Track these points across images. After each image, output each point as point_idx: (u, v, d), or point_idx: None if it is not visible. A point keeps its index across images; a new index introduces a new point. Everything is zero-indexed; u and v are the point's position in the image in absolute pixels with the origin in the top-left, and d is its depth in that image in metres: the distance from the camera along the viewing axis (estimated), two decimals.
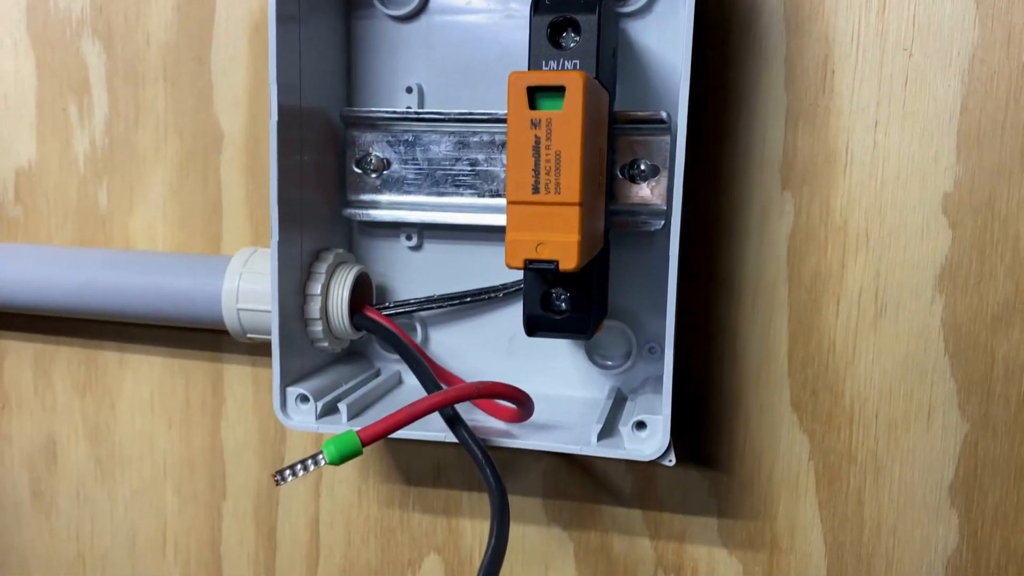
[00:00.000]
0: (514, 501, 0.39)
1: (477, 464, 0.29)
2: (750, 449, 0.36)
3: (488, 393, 0.30)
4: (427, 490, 0.40)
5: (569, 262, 0.26)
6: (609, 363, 0.36)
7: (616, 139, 0.33)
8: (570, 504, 0.39)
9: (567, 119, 0.25)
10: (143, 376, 0.42)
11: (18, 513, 0.45)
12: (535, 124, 0.25)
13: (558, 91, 0.25)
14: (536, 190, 0.26)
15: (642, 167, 0.33)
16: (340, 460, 0.28)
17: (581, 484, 0.38)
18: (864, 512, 0.36)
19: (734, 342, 0.36)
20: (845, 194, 0.34)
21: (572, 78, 0.25)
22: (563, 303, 0.30)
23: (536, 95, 0.26)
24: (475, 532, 0.40)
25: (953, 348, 0.34)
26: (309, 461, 0.28)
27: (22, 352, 0.44)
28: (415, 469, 0.40)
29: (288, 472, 0.28)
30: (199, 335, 0.41)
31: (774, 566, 0.37)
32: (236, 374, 0.41)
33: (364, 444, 0.28)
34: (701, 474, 0.37)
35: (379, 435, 0.28)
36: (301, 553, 0.42)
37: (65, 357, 0.43)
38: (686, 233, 0.35)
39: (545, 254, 0.26)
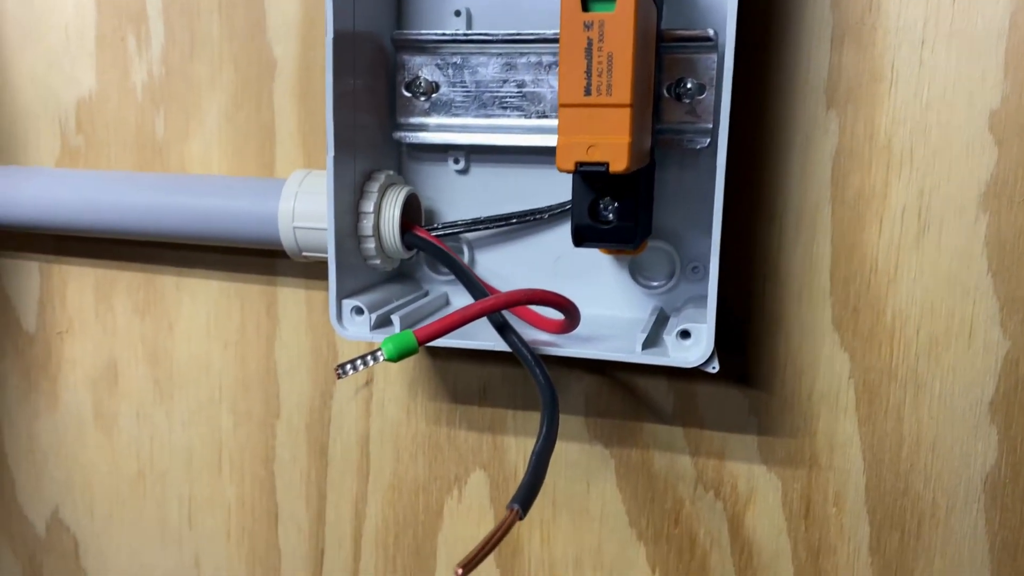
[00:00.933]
0: None
1: (526, 364, 0.30)
2: (791, 368, 0.37)
3: (537, 299, 0.31)
4: (473, 408, 0.41)
5: (619, 163, 0.26)
6: (653, 283, 0.37)
7: (662, 58, 0.34)
8: (611, 422, 0.40)
9: (619, 21, 0.26)
10: (200, 300, 0.44)
11: (82, 433, 0.47)
12: (587, 26, 0.26)
13: None
14: (588, 92, 0.26)
15: (688, 85, 0.34)
16: (397, 357, 0.29)
17: (622, 402, 0.39)
18: (903, 429, 0.36)
19: (776, 262, 0.36)
20: (890, 113, 0.34)
21: None
22: (610, 213, 0.31)
23: None
24: (519, 449, 0.41)
25: (996, 266, 0.34)
26: (368, 357, 0.29)
27: (84, 278, 0.46)
28: (461, 388, 0.41)
29: (349, 366, 0.29)
30: (254, 259, 0.43)
31: (813, 482, 0.38)
32: (290, 296, 0.43)
33: (420, 343, 0.29)
34: (741, 392, 0.38)
35: (434, 335, 0.29)
36: (352, 470, 0.43)
37: (125, 282, 0.45)
38: (730, 153, 0.36)
39: (596, 156, 0.27)
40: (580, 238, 0.31)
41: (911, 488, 0.37)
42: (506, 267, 0.39)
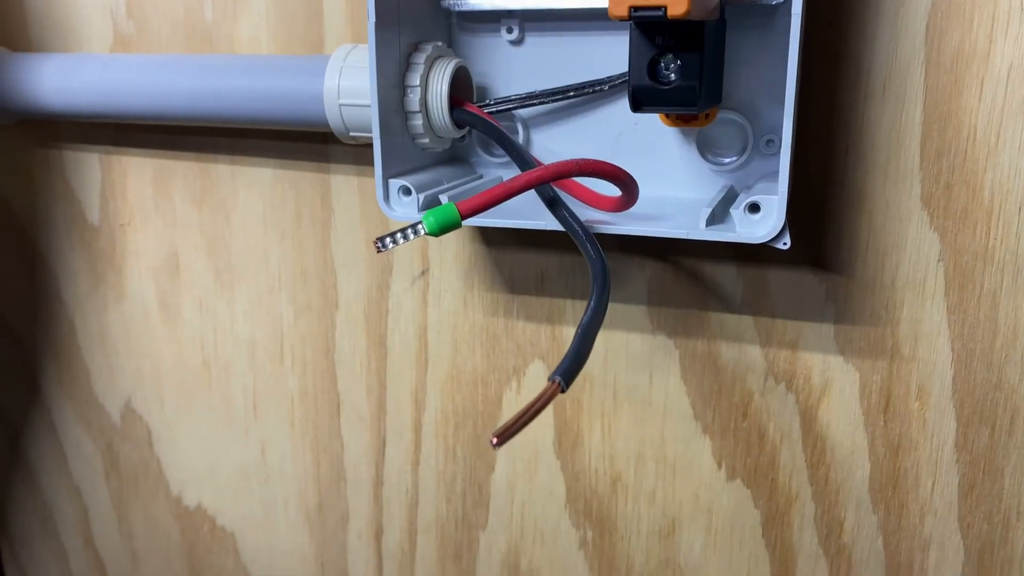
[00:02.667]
0: (617, 309, 0.38)
1: (576, 239, 0.28)
2: (873, 250, 0.34)
3: (588, 170, 0.28)
4: (530, 298, 0.40)
5: (678, 6, 0.24)
6: (723, 160, 0.34)
7: None
8: (676, 311, 0.38)
9: None
10: (254, 189, 0.43)
11: (149, 324, 0.48)
12: None
13: None
14: None
15: None
16: (439, 230, 0.27)
17: (687, 291, 0.37)
18: (999, 316, 0.33)
19: (860, 133, 0.33)
20: None
21: None
22: (672, 72, 0.28)
23: None
24: None
25: None
26: (409, 230, 0.27)
27: (142, 168, 0.45)
28: (518, 278, 0.40)
29: (388, 239, 0.27)
30: (306, 145, 0.42)
31: (894, 374, 0.35)
32: (343, 185, 0.42)
33: (463, 216, 0.27)
34: (818, 278, 0.35)
35: (478, 208, 0.27)
36: (410, 361, 0.43)
37: (181, 172, 0.45)
38: (810, 9, 0.32)
39: None
40: (638, 102, 0.28)
41: (1005, 381, 0.34)
42: (564, 145, 0.36)
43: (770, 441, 0.38)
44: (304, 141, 0.41)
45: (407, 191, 0.33)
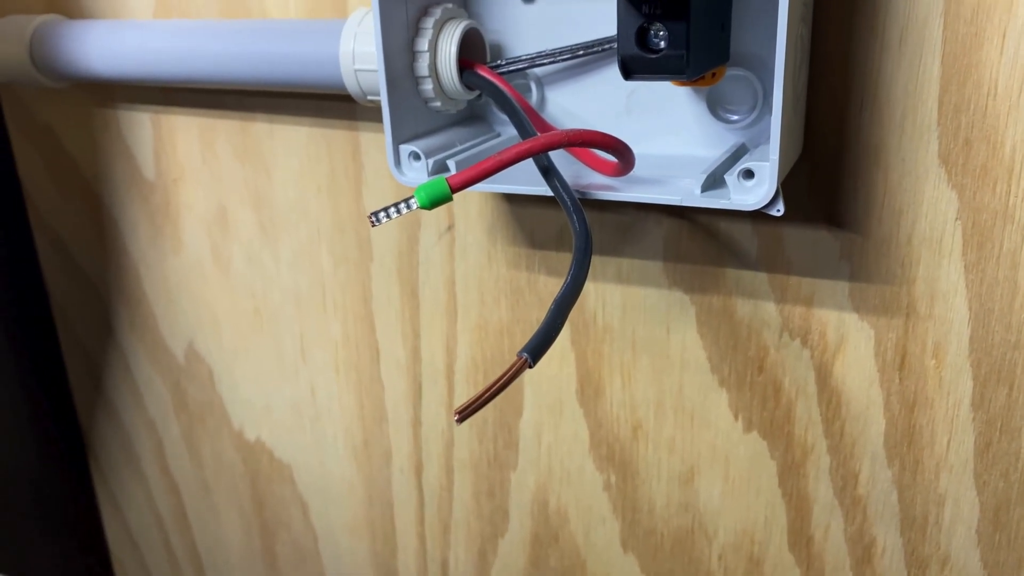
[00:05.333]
0: (634, 264, 0.39)
1: (565, 209, 0.29)
2: (888, 208, 0.33)
3: (580, 140, 0.29)
4: (551, 253, 0.41)
5: None
6: (734, 117, 0.34)
7: None
8: (692, 267, 0.38)
9: None
10: (292, 146, 0.45)
11: (203, 272, 0.51)
12: None
13: None
14: None
15: None
16: (431, 204, 0.28)
17: (703, 247, 0.37)
18: (1018, 276, 0.32)
19: (876, 87, 0.32)
20: None
21: None
22: (661, 40, 0.28)
23: None
24: (598, 294, 0.40)
25: None
26: (402, 204, 0.29)
27: (189, 127, 0.48)
28: (539, 233, 0.41)
29: (382, 213, 0.29)
30: (336, 104, 0.43)
31: (910, 333, 0.35)
32: (372, 142, 0.43)
33: (453, 190, 0.28)
34: (833, 235, 0.35)
35: (467, 181, 0.28)
36: (441, 311, 0.44)
37: (224, 130, 0.47)
38: None
39: None
40: (628, 70, 0.28)
41: None
42: (577, 104, 0.37)
43: (786, 395, 0.38)
44: (333, 100, 0.43)
45: (417, 156, 0.34)
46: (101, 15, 0.47)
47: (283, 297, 0.49)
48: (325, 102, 0.43)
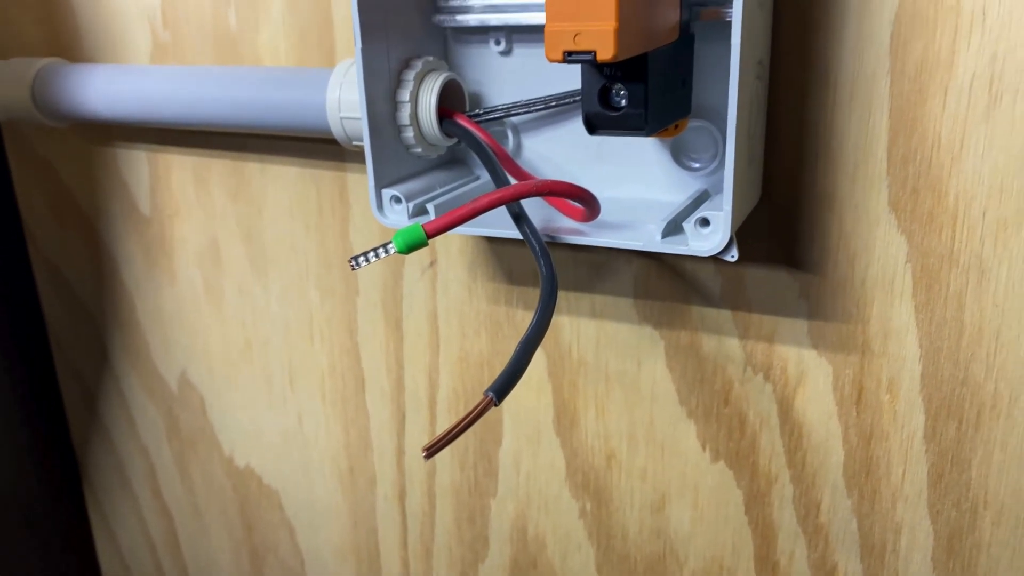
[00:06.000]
0: (607, 301, 0.41)
1: (534, 254, 0.30)
2: (843, 251, 0.35)
3: (548, 191, 0.31)
4: (528, 289, 0.43)
5: (606, 51, 0.26)
6: (696, 164, 0.36)
7: None
8: (660, 304, 0.40)
9: None
10: (281, 185, 0.47)
11: (197, 304, 0.53)
12: None
13: None
14: None
15: None
16: (407, 249, 0.30)
17: (671, 285, 0.39)
18: (964, 316, 0.34)
19: (829, 139, 0.34)
20: None
21: None
22: (622, 99, 0.30)
23: None
24: (572, 328, 0.42)
25: None
26: (380, 249, 0.30)
27: (184, 165, 0.50)
28: (517, 270, 0.42)
29: (362, 258, 0.31)
30: (324, 146, 0.45)
31: (865, 368, 0.36)
32: (358, 183, 0.45)
33: (428, 236, 0.30)
34: (791, 276, 0.37)
35: (442, 228, 0.30)
36: (424, 342, 0.46)
37: (218, 169, 0.49)
38: (779, 18, 0.33)
39: (583, 44, 0.26)
40: (591, 126, 0.30)
41: (971, 378, 0.35)
42: (552, 150, 0.39)
43: (750, 427, 0.40)
44: (322, 143, 0.45)
45: (398, 200, 0.36)
46: (100, 59, 0.49)
47: (272, 328, 0.51)
48: (314, 144, 0.45)
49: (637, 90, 0.29)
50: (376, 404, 0.49)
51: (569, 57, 0.26)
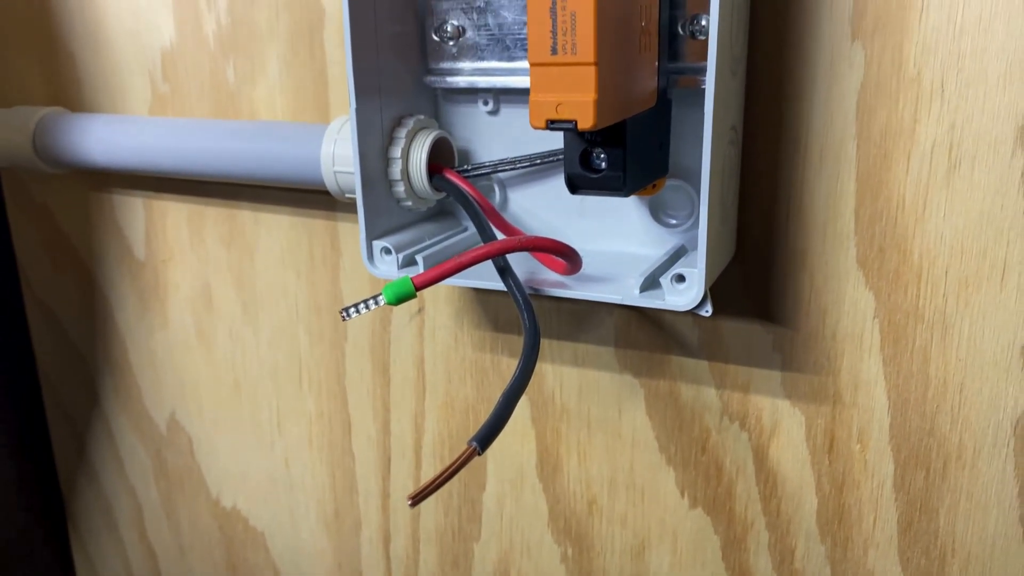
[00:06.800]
0: (589, 349, 0.42)
1: (518, 307, 0.32)
2: (814, 305, 0.37)
3: (532, 246, 0.32)
4: (513, 337, 0.44)
5: (586, 121, 0.27)
6: (673, 221, 0.38)
7: None
8: (640, 353, 0.41)
9: None
10: (274, 233, 0.48)
11: (188, 347, 0.54)
12: None
13: None
14: (554, 51, 0.27)
15: (703, 22, 0.33)
16: (396, 301, 0.31)
17: (650, 335, 0.41)
18: (930, 370, 0.36)
19: (800, 198, 0.36)
20: (920, 42, 0.32)
21: None
22: (602, 162, 0.31)
23: None
24: (556, 375, 0.43)
25: None
26: (371, 301, 0.32)
27: (179, 212, 0.51)
28: (502, 318, 0.44)
29: (352, 309, 0.32)
30: (317, 196, 0.46)
31: (837, 419, 0.38)
32: (349, 231, 0.46)
33: (417, 288, 0.31)
34: (765, 328, 0.38)
35: (430, 281, 0.31)
36: (411, 388, 0.47)
37: (212, 216, 0.50)
38: (752, 85, 0.35)
39: (564, 114, 0.27)
40: (573, 186, 0.32)
41: (937, 429, 0.36)
42: (536, 204, 0.40)
43: (727, 474, 0.41)
44: (314, 193, 0.46)
45: (388, 251, 0.38)
46: (101, 109, 0.51)
47: (261, 372, 0.52)
48: (305, 194, 0.47)
49: (616, 154, 0.31)
50: (362, 448, 0.50)
51: (552, 125, 0.28)
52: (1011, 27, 0.31)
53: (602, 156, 0.31)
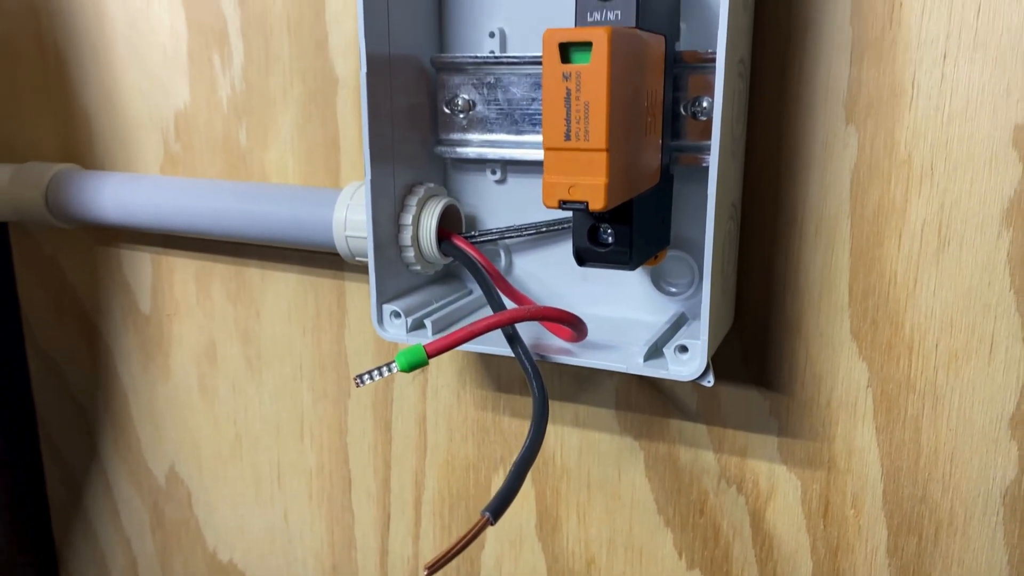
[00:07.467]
0: (590, 411, 0.43)
1: (527, 375, 0.33)
2: (810, 374, 0.38)
3: (541, 316, 0.33)
4: (515, 397, 0.45)
5: (597, 203, 0.29)
6: (673, 290, 0.39)
7: (685, 77, 0.35)
8: (640, 416, 0.42)
9: (594, 72, 0.28)
10: (281, 290, 0.49)
11: (190, 401, 0.54)
12: (566, 77, 0.28)
13: (586, 46, 0.28)
14: (568, 137, 0.29)
15: (704, 104, 0.35)
16: (409, 369, 0.32)
17: (650, 399, 0.42)
18: (921, 439, 0.37)
19: (796, 271, 0.37)
20: (910, 127, 0.34)
21: (598, 34, 0.27)
22: (609, 237, 0.33)
23: (569, 49, 0.28)
24: (556, 436, 0.44)
25: (1019, 283, 0.34)
26: (384, 368, 0.33)
27: (187, 268, 0.52)
28: (504, 378, 0.45)
29: (366, 376, 0.33)
30: (324, 257, 0.47)
31: (831, 484, 0.39)
32: (356, 291, 0.47)
33: (429, 356, 0.32)
34: (762, 395, 0.39)
35: (442, 349, 0.32)
36: (412, 446, 0.48)
37: (220, 272, 0.51)
38: (750, 163, 0.37)
39: (576, 195, 0.29)
40: (581, 259, 0.33)
41: (929, 496, 0.37)
42: (541, 270, 0.41)
43: (724, 537, 0.42)
44: (322, 253, 0.47)
45: (397, 315, 0.39)
46: (114, 166, 0.52)
47: (263, 426, 0.52)
48: (313, 253, 0.48)
49: (623, 231, 0.32)
50: (362, 504, 0.51)
51: (564, 205, 0.29)
52: (995, 117, 0.33)
53: (609, 231, 0.33)
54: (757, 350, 0.39)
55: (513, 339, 0.35)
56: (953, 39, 0.33)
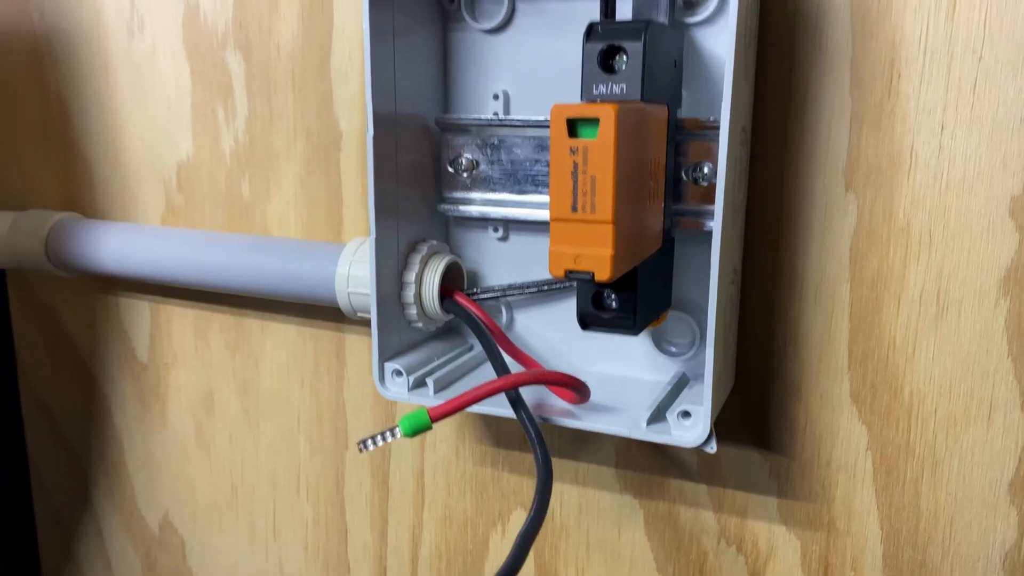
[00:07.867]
0: (590, 470, 0.43)
1: (530, 441, 0.33)
2: (810, 435, 0.38)
3: (545, 380, 0.34)
4: (514, 452, 0.45)
5: (603, 273, 0.29)
6: (674, 350, 0.39)
7: (687, 144, 0.36)
8: (640, 475, 0.42)
9: (601, 147, 0.28)
10: (280, 341, 0.49)
11: (186, 450, 0.54)
12: (573, 151, 0.28)
13: (594, 122, 0.28)
14: (575, 209, 0.29)
15: (705, 170, 0.36)
16: (413, 433, 0.32)
17: (650, 458, 0.42)
18: (921, 503, 0.37)
19: (796, 334, 0.38)
20: (909, 196, 0.35)
21: (605, 111, 0.28)
22: (613, 302, 0.33)
23: (576, 124, 0.29)
24: (556, 493, 0.44)
25: (1017, 350, 0.34)
26: (388, 433, 0.33)
27: (185, 317, 0.52)
28: (503, 434, 0.45)
29: (369, 441, 0.33)
30: (324, 309, 0.47)
31: (831, 546, 0.39)
32: (355, 343, 0.47)
33: (433, 420, 0.32)
34: (762, 456, 0.39)
35: (446, 413, 0.33)
36: (409, 500, 0.48)
37: (218, 323, 0.51)
38: (751, 229, 0.37)
39: (583, 265, 0.29)
40: (584, 324, 0.34)
41: (929, 560, 0.37)
42: (542, 326, 0.42)
43: None
44: (322, 306, 0.47)
45: (399, 373, 0.39)
46: (115, 216, 0.52)
47: (260, 477, 0.52)
48: (314, 307, 0.48)
49: (628, 297, 0.33)
50: (358, 557, 0.50)
51: (570, 275, 0.29)
52: (992, 188, 0.33)
53: (613, 297, 0.33)
54: (757, 411, 0.39)
55: (516, 403, 0.35)
56: (950, 111, 0.34)
